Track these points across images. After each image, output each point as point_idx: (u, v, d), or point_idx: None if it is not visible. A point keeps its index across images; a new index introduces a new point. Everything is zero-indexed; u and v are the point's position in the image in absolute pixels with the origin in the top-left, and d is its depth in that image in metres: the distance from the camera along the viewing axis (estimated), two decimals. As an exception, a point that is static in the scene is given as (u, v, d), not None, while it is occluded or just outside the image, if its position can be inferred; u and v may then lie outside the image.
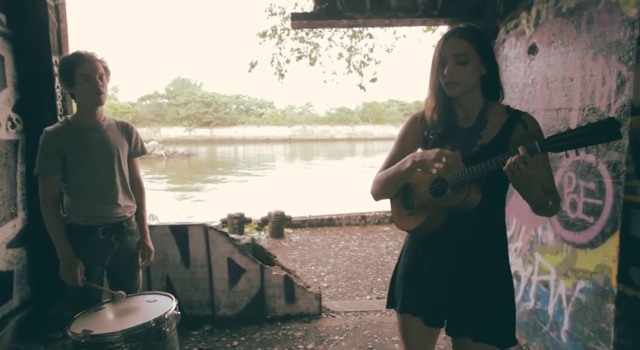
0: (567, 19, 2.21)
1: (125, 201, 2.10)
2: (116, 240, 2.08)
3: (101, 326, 1.72)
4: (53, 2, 2.88)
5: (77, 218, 2.00)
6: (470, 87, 1.35)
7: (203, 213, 9.05)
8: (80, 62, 1.92)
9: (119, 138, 2.09)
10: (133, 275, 2.19)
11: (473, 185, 1.27)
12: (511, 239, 2.79)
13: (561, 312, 2.27)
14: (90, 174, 1.99)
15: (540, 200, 1.26)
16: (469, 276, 1.38)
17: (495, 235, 1.41)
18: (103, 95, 1.98)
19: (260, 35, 7.17)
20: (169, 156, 28.64)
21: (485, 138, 1.35)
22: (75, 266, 1.94)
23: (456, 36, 1.32)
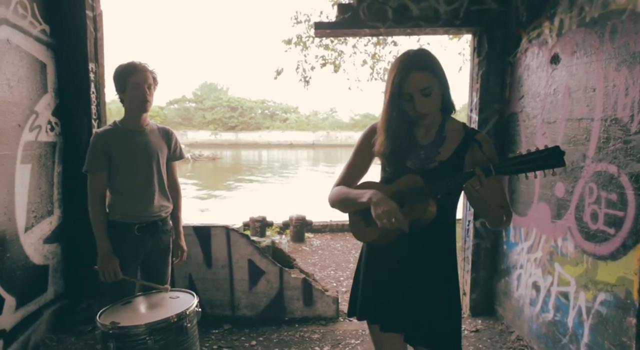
0: (590, 29, 2.20)
1: (161, 201, 2.22)
2: (150, 238, 2.20)
3: (127, 319, 1.83)
4: (91, 13, 3.05)
5: (117, 215, 2.14)
6: (436, 111, 1.40)
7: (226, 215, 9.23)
8: (133, 71, 2.09)
9: (159, 142, 2.24)
10: (163, 272, 2.31)
11: (431, 201, 1.34)
12: (530, 249, 2.77)
13: (581, 324, 2.24)
14: (131, 173, 2.14)
15: (496, 216, 1.37)
16: (421, 287, 1.44)
17: (446, 248, 1.48)
18: (149, 103, 2.15)
19: (285, 43, 7.32)
20: (195, 159, 29.29)
21: (443, 155, 1.41)
22: (112, 261, 2.07)
23: (417, 70, 1.32)
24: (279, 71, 7.60)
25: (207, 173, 22.78)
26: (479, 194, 1.24)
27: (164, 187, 2.25)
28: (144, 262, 2.24)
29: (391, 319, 1.48)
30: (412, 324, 1.46)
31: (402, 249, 1.43)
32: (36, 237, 2.81)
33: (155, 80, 2.18)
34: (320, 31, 3.28)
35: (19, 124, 2.63)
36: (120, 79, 2.12)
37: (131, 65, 2.12)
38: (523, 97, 2.88)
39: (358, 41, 7.18)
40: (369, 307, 1.53)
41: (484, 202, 1.28)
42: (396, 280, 1.46)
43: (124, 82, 2.11)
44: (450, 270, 1.49)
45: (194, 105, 54.60)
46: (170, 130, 2.34)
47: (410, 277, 1.45)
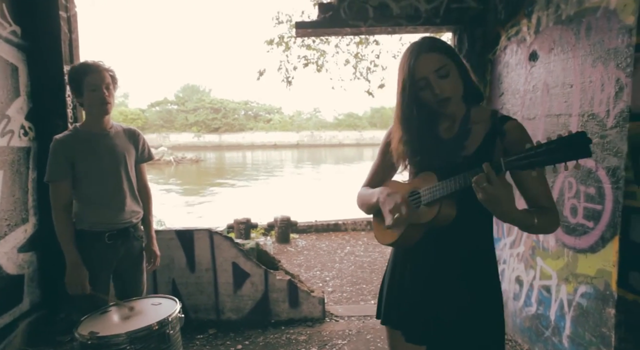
0: (566, 27, 2.23)
1: (132, 207, 2.15)
2: (122, 246, 2.12)
3: (107, 328, 1.77)
4: (65, 14, 2.97)
5: (85, 224, 2.05)
6: (460, 97, 1.27)
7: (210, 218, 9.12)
8: (88, 72, 1.98)
9: (126, 144, 2.14)
10: (138, 280, 2.23)
11: (444, 201, 1.20)
12: (513, 244, 2.80)
13: (563, 316, 2.27)
14: (98, 180, 2.04)
15: (516, 221, 1.13)
16: (450, 297, 1.29)
17: (479, 254, 1.31)
18: (109, 105, 2.04)
19: (267, 43, 7.27)
20: (178, 162, 28.91)
21: (468, 149, 1.26)
22: (80, 274, 1.98)
23: (425, 51, 1.23)
24: (261, 72, 7.55)
25: (191, 176, 22.51)
26: (486, 194, 1.04)
27: (134, 191, 2.17)
28: (117, 271, 2.16)
29: (413, 328, 1.35)
30: (438, 338, 1.31)
31: (427, 253, 1.31)
32: (10, 246, 2.72)
33: (114, 79, 2.06)
34: (302, 31, 3.26)
35: (-11, 129, 2.54)
36: (75, 81, 1.99)
37: (85, 65, 2.00)
38: (503, 94, 2.91)
39: (340, 41, 7.18)
40: (391, 312, 1.43)
41: (494, 203, 1.06)
42: (419, 286, 1.34)
43: (79, 85, 1.99)
44: (485, 280, 1.31)
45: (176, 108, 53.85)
46: (136, 131, 2.24)
47: (435, 285, 1.31)
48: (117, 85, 2.09)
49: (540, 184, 1.24)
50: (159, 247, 3.11)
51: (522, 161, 1.00)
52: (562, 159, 0.94)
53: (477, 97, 1.31)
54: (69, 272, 1.99)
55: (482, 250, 1.33)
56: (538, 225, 1.16)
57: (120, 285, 2.19)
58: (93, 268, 2.03)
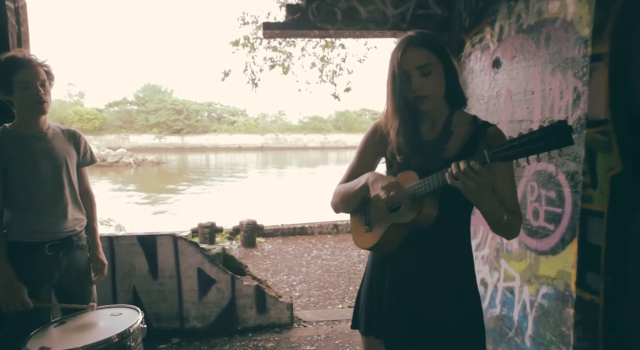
0: (527, 35, 2.32)
1: (75, 214, 1.99)
2: (65, 257, 1.95)
3: (61, 342, 1.65)
4: (12, 5, 2.77)
5: (20, 235, 1.86)
6: (440, 98, 1.28)
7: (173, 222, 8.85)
8: (19, 67, 1.77)
9: (66, 147, 1.97)
10: (85, 291, 2.08)
11: (426, 200, 1.19)
12: (478, 246, 2.87)
13: (525, 317, 2.35)
14: (36, 186, 1.86)
15: (493, 211, 1.17)
16: (431, 302, 1.28)
17: (460, 256, 1.32)
18: (46, 104, 1.84)
19: (233, 44, 7.15)
20: (138, 164, 27.92)
21: (450, 151, 1.27)
22: (17, 290, 1.80)
23: (414, 46, 1.23)
24: (226, 73, 7.41)
25: (152, 178, 21.79)
26: (466, 186, 1.05)
27: (76, 198, 2.00)
28: (60, 284, 1.98)
29: (395, 336, 1.33)
30: (420, 344, 1.29)
31: (407, 257, 1.29)
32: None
33: (50, 75, 1.86)
34: (269, 32, 3.22)
35: None
36: (3, 77, 1.77)
37: (14, 59, 1.78)
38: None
39: (307, 43, 7.18)
40: (374, 322, 1.38)
41: (481, 192, 1.07)
42: (400, 293, 1.32)
43: (8, 82, 1.77)
44: (465, 283, 1.31)
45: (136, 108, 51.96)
46: (77, 132, 2.06)
47: (416, 290, 1.29)
48: (53, 82, 1.89)
49: (510, 188, 1.27)
50: (119, 254, 2.98)
51: (506, 152, 1.00)
52: (545, 148, 0.94)
53: (460, 101, 1.33)
54: (1, 291, 1.79)
55: (462, 254, 1.33)
56: (505, 223, 1.19)
57: (65, 299, 2.01)
58: (32, 282, 1.85)
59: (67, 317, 1.88)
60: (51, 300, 2.01)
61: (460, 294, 1.30)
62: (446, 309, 1.28)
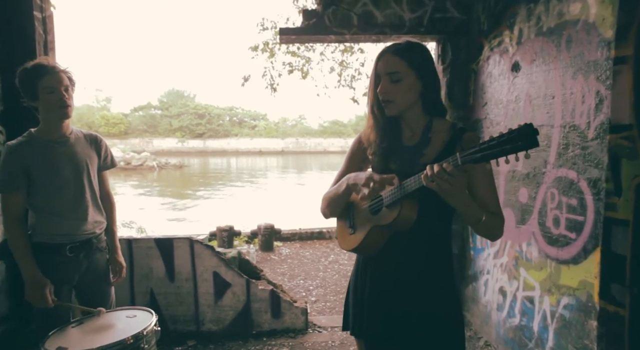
0: (547, 38, 2.26)
1: (95, 217, 2.03)
2: (85, 259, 2.01)
3: (77, 343, 1.68)
4: (40, 14, 2.88)
5: (43, 236, 1.92)
6: (407, 106, 1.32)
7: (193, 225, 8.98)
8: (43, 74, 1.83)
9: (87, 151, 2.03)
10: (104, 293, 2.12)
11: (405, 202, 1.23)
12: (497, 254, 2.80)
13: (546, 328, 2.27)
14: (58, 189, 1.92)
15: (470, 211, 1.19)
16: (410, 302, 1.33)
17: (438, 257, 1.36)
18: (70, 108, 1.90)
19: (252, 49, 7.23)
20: (161, 167, 28.50)
21: (428, 156, 1.31)
22: (43, 287, 1.86)
23: (389, 53, 1.30)
24: (246, 78, 7.50)
25: (173, 182, 22.19)
26: (440, 188, 1.10)
27: (97, 201, 2.05)
28: (80, 285, 2.03)
29: (377, 336, 1.38)
30: (401, 344, 1.34)
31: (388, 259, 1.34)
32: (-23, 256, 2.58)
33: (72, 81, 1.92)
34: (286, 37, 3.24)
35: (-43, 133, 2.42)
36: (28, 84, 1.83)
37: (39, 66, 1.85)
38: (486, 104, 2.93)
39: (325, 48, 7.20)
40: (357, 322, 1.44)
41: (455, 192, 1.12)
42: (380, 294, 1.37)
43: (33, 88, 1.83)
44: (445, 282, 1.35)
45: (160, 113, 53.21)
46: (98, 137, 2.12)
47: (396, 290, 1.34)
48: (75, 88, 1.95)
49: (489, 189, 1.30)
50: (138, 256, 3.03)
51: (477, 154, 1.05)
52: (513, 150, 0.99)
53: (439, 111, 1.37)
54: (28, 287, 1.85)
55: (441, 255, 1.36)
56: (485, 223, 1.22)
57: (84, 300, 2.06)
58: (53, 282, 1.90)
59: (85, 318, 1.93)
60: (71, 300, 2.06)
61: (439, 294, 1.34)
62: (425, 310, 1.32)
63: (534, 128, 0.96)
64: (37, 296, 1.85)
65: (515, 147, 0.98)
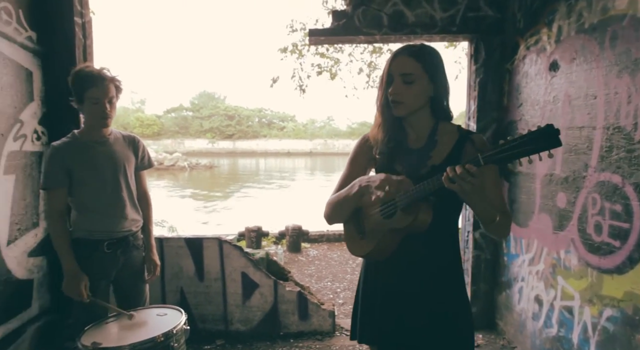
0: (589, 36, 2.15)
1: (132, 215, 2.10)
2: (122, 255, 2.08)
3: (110, 339, 1.73)
4: (80, 20, 2.99)
5: (83, 232, 2.01)
6: (416, 108, 1.32)
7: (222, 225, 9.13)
8: (91, 84, 1.93)
9: (125, 152, 2.11)
10: (139, 290, 2.19)
11: (422, 205, 1.22)
12: (532, 261, 2.69)
13: (587, 340, 2.15)
14: (97, 188, 2.00)
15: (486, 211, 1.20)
16: (422, 305, 1.32)
17: (450, 259, 1.36)
18: (110, 119, 2.00)
19: (281, 51, 7.28)
20: (192, 168, 29.17)
21: (435, 158, 1.31)
22: (79, 281, 1.94)
23: (405, 54, 1.29)
24: (275, 79, 7.56)
25: (204, 182, 22.66)
26: (462, 189, 1.10)
27: (133, 199, 2.13)
28: (117, 280, 2.11)
29: (391, 342, 1.37)
30: (415, 347, 1.35)
31: (400, 263, 1.33)
32: (20, 251, 2.71)
33: (119, 89, 2.02)
34: (315, 38, 3.23)
35: (1, 133, 2.54)
36: (78, 90, 1.95)
37: (89, 75, 1.94)
38: (522, 105, 2.82)
39: (354, 49, 7.16)
40: (368, 329, 1.42)
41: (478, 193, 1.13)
42: (392, 298, 1.36)
43: (81, 95, 1.95)
44: (457, 287, 1.36)
45: (191, 114, 54.56)
46: (136, 138, 2.20)
47: (408, 294, 1.34)
48: (120, 95, 2.05)
49: (496, 189, 1.31)
50: (168, 255, 3.10)
51: (499, 155, 1.04)
52: (535, 150, 0.99)
53: (445, 116, 1.36)
54: (66, 280, 1.95)
55: (452, 256, 1.36)
56: (498, 223, 1.23)
57: (121, 295, 2.15)
58: (91, 277, 1.99)
59: (120, 314, 1.98)
60: (109, 296, 2.14)
61: (451, 295, 1.34)
62: (437, 311, 1.32)
63: (555, 128, 0.97)
64: (73, 289, 1.94)
65: (538, 147, 0.98)
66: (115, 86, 2.00)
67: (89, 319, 1.92)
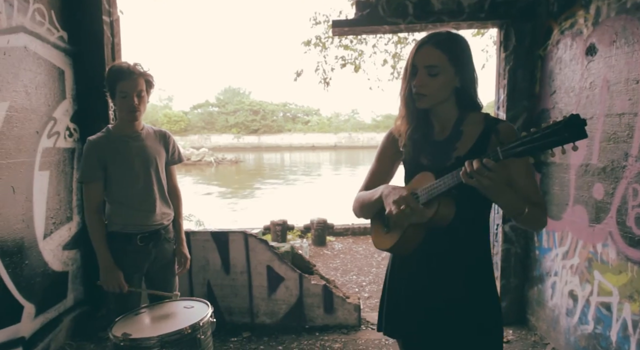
0: (632, 16, 2.02)
1: (162, 209, 2.14)
2: (153, 248, 2.12)
3: (139, 330, 1.77)
4: (108, 19, 3.05)
5: (117, 226, 2.06)
6: (440, 100, 1.28)
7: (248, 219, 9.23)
8: (121, 78, 1.97)
9: (156, 146, 2.14)
10: (170, 282, 2.23)
11: (442, 199, 1.19)
12: (566, 255, 2.58)
13: (626, 338, 2.05)
14: (129, 182, 2.05)
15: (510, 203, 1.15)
16: (448, 300, 1.29)
17: (477, 254, 1.31)
18: (138, 113, 2.03)
19: (305, 44, 7.24)
20: (218, 163, 29.63)
21: (460, 150, 1.27)
22: (115, 274, 2.00)
23: (430, 45, 1.24)
24: (298, 73, 7.52)
25: (230, 176, 22.99)
26: (481, 184, 1.06)
27: (164, 193, 2.16)
28: (148, 273, 2.17)
29: (416, 335, 1.36)
30: (437, 344, 1.33)
31: (423, 257, 1.31)
32: (55, 244, 2.81)
33: (149, 83, 2.05)
34: (338, 29, 3.18)
35: (37, 131, 2.64)
36: (110, 84, 2.01)
37: (119, 70, 1.98)
38: (555, 93, 2.69)
39: (378, 40, 7.04)
40: (393, 322, 1.41)
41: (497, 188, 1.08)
42: (416, 292, 1.34)
43: (112, 90, 2.00)
44: (485, 281, 1.32)
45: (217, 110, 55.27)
46: (167, 133, 2.24)
47: (437, 290, 1.31)
48: (151, 90, 2.08)
49: (526, 179, 1.25)
50: (195, 249, 3.15)
51: (519, 148, 0.99)
52: (558, 143, 0.93)
53: (473, 107, 1.31)
54: (102, 273, 2.01)
55: (479, 252, 1.32)
56: (527, 215, 1.17)
57: (152, 287, 2.19)
58: (125, 270, 2.04)
59: (149, 306, 2.03)
60: (142, 288, 2.19)
61: (478, 292, 1.30)
62: (464, 308, 1.29)
63: (581, 118, 0.91)
64: (110, 281, 2.00)
65: (561, 139, 0.92)
66: (146, 81, 2.03)
67: (123, 310, 1.98)
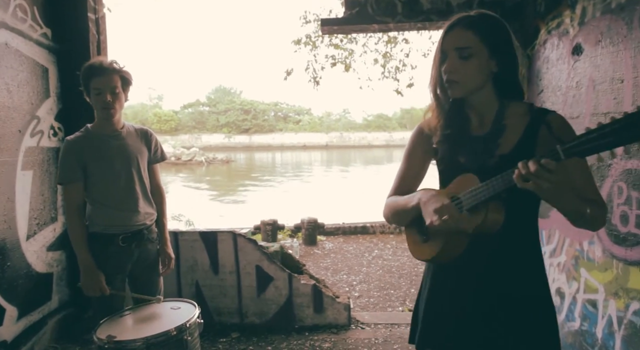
0: (616, 16, 2.04)
1: (145, 208, 2.10)
2: (136, 248, 2.09)
3: (124, 332, 1.74)
4: (94, 16, 3.00)
5: (98, 226, 2.02)
6: (475, 87, 1.14)
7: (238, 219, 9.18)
8: (94, 75, 1.92)
9: (138, 145, 2.10)
10: (153, 282, 2.20)
11: (491, 204, 1.05)
12: (554, 253, 2.60)
13: (612, 335, 2.07)
14: (110, 181, 2.00)
15: (572, 208, 1.04)
16: (497, 313, 1.15)
17: (529, 262, 1.17)
18: (113, 110, 1.97)
19: (295, 43, 7.22)
20: (209, 162, 29.45)
21: (504, 147, 1.13)
22: (96, 277, 1.95)
23: (460, 26, 1.11)
24: (288, 71, 7.49)
25: (221, 176, 22.87)
26: (540, 188, 0.93)
27: (147, 193, 2.12)
28: (132, 274, 2.13)
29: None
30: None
31: (469, 266, 1.16)
32: (39, 245, 2.76)
33: (126, 81, 1.99)
34: (327, 28, 3.18)
35: (19, 130, 2.58)
36: (84, 81, 1.95)
37: (92, 66, 1.93)
38: (542, 92, 2.71)
39: (368, 40, 7.04)
40: (431, 335, 1.26)
41: (559, 192, 0.96)
42: (462, 305, 1.19)
43: (87, 87, 1.94)
44: (539, 292, 1.17)
45: (208, 109, 54.97)
46: (149, 131, 2.19)
47: (483, 302, 1.16)
48: (129, 88, 2.03)
49: (586, 176, 1.13)
50: (184, 249, 3.11)
51: (584, 146, 0.86)
52: (631, 139, 0.82)
53: (515, 94, 1.18)
54: (83, 275, 1.97)
55: (532, 261, 1.18)
56: (589, 217, 1.05)
57: (135, 289, 2.16)
58: (108, 271, 2.00)
59: (135, 308, 2.00)
60: (125, 289, 2.15)
61: (533, 305, 1.15)
62: (518, 322, 1.14)
63: None
64: (91, 285, 1.95)
65: (635, 136, 0.81)
66: (122, 78, 1.97)
67: (106, 312, 1.93)
